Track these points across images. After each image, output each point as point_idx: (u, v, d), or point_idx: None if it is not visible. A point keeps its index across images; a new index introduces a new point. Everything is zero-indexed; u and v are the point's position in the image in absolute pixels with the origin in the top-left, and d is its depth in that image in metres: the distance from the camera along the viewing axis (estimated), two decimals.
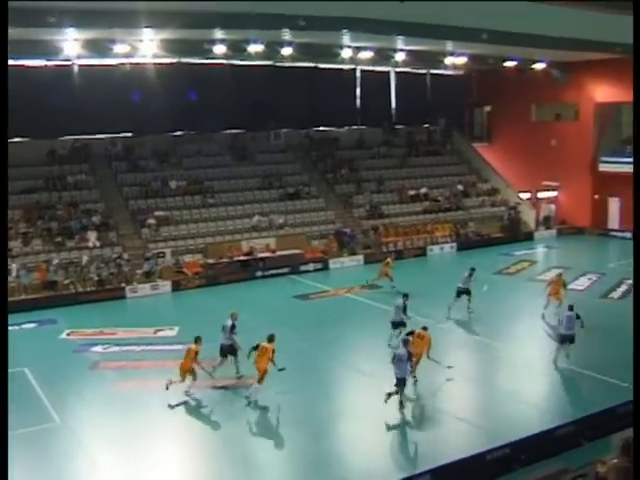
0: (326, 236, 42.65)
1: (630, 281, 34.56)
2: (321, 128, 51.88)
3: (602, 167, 49.85)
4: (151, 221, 39.49)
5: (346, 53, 40.07)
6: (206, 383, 21.74)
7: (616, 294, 32.89)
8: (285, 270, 38.40)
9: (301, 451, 18.02)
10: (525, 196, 52.03)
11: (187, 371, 20.93)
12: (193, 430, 19.42)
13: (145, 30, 31.44)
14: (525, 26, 33.18)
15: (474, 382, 22.88)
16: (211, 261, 38.10)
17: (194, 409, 20.64)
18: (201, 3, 26.65)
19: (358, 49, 40.31)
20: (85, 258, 35.66)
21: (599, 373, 22.37)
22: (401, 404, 19.91)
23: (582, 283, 35.20)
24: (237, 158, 46.95)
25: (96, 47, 35.13)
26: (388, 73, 54.15)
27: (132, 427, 19.20)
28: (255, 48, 36.12)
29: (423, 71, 54.73)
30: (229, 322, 22.71)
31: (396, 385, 19.80)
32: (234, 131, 48.36)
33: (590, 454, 15.54)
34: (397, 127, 54.45)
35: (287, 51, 37.67)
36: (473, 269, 30.14)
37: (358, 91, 52.75)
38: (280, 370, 20.70)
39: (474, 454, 16.17)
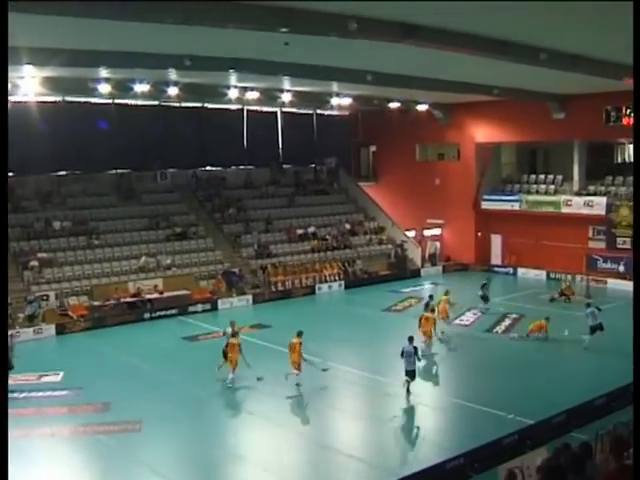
0: (214, 276, 42.29)
1: (513, 315, 35.57)
2: (208, 168, 51.67)
3: (484, 205, 51.25)
4: (34, 263, 38.39)
5: (233, 93, 40.17)
6: (88, 429, 21.21)
7: (500, 328, 33.67)
8: (173, 311, 37.80)
9: None
10: (411, 234, 52.98)
11: (297, 362, 24.53)
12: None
13: (26, 67, 30.76)
14: (408, 68, 34.03)
15: (364, 418, 22.96)
16: (97, 303, 37.21)
17: (78, 458, 20.06)
18: (88, 41, 26.35)
19: (245, 89, 40.46)
20: None
21: (485, 406, 22.80)
22: (408, 392, 23.73)
23: (467, 318, 35.89)
24: (123, 198, 46.30)
25: None
26: (275, 113, 54.52)
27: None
28: (141, 88, 35.83)
29: (310, 111, 55.40)
30: (229, 330, 26.75)
31: (406, 375, 23.79)
32: (120, 171, 47.63)
33: None
34: (284, 167, 54.76)
35: (173, 91, 37.55)
36: (489, 278, 37.74)
37: (245, 131, 52.87)
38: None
39: None
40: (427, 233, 53.91)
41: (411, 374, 23.89)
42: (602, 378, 24.61)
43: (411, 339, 24.68)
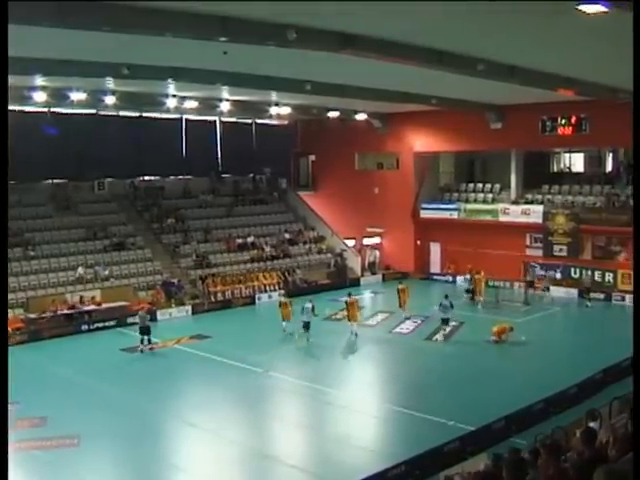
0: (153, 287, 41.85)
1: (453, 323, 35.81)
2: (146, 177, 51.14)
3: (423, 214, 51.57)
4: None
5: (171, 102, 39.82)
6: (24, 445, 20.80)
7: (439, 336, 33.84)
8: (112, 323, 37.20)
9: None
10: (350, 243, 53.09)
11: (356, 316, 33.75)
12: None
13: None
14: (346, 78, 34.14)
15: (305, 428, 22.93)
16: (33, 316, 36.41)
17: (14, 476, 19.61)
18: (23, 48, 25.90)
19: (183, 98, 40.17)
20: None
21: (425, 413, 22.91)
22: (444, 335, 32.96)
23: (407, 327, 36.04)
24: (59, 208, 45.53)
25: None
26: (214, 122, 54.27)
27: None
28: (77, 96, 35.32)
29: (249, 121, 55.26)
30: (309, 305, 33.16)
31: (443, 323, 33.12)
32: (56, 181, 46.88)
33: None
34: (223, 176, 54.51)
35: (111, 99, 37.08)
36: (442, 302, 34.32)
37: (184, 140, 52.52)
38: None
39: None
40: (366, 242, 54.04)
41: (445, 321, 33.01)
42: (540, 384, 24.91)
43: (446, 296, 33.70)
